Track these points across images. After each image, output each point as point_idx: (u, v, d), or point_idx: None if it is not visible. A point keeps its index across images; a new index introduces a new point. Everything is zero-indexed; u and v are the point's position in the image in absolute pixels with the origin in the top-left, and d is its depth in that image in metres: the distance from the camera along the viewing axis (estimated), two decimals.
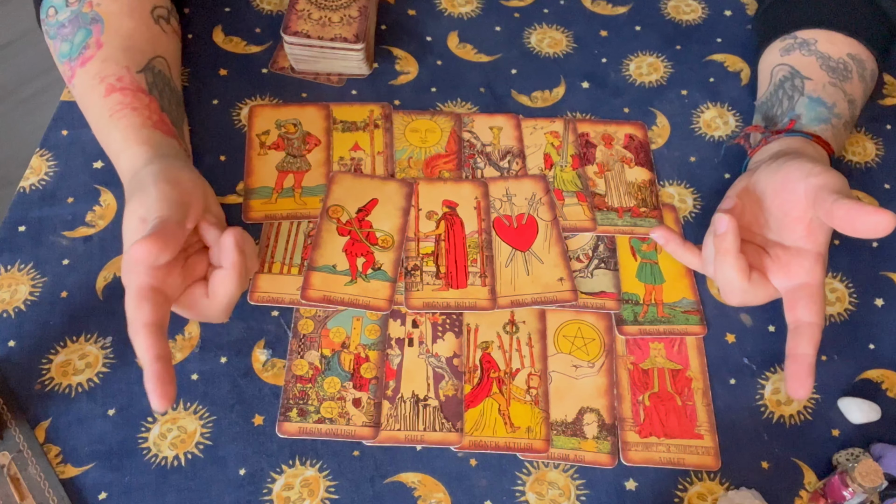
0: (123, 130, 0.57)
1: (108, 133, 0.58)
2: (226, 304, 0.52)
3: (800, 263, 0.55)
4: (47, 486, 0.52)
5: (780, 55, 0.69)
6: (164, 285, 0.49)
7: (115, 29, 0.61)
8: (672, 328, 0.61)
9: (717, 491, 0.55)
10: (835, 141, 0.63)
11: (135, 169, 0.55)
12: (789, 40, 0.69)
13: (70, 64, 0.60)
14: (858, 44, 0.67)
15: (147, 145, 0.56)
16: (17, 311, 0.59)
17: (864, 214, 0.50)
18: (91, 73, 0.59)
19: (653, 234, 0.62)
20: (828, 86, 0.65)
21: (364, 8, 0.71)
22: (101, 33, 0.60)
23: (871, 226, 0.50)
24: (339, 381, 0.57)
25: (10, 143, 1.57)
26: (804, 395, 0.52)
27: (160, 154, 0.56)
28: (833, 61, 0.66)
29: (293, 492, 0.53)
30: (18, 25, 1.72)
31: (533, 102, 0.73)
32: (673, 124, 0.72)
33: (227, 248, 0.51)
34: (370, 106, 0.71)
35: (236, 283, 0.51)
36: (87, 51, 0.60)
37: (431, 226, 0.64)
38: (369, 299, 0.60)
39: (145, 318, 0.47)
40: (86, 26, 0.60)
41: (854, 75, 0.66)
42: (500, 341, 0.60)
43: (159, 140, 0.57)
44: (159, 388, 0.46)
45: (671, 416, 0.57)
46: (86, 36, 0.60)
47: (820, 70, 0.66)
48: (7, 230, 0.62)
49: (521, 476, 0.55)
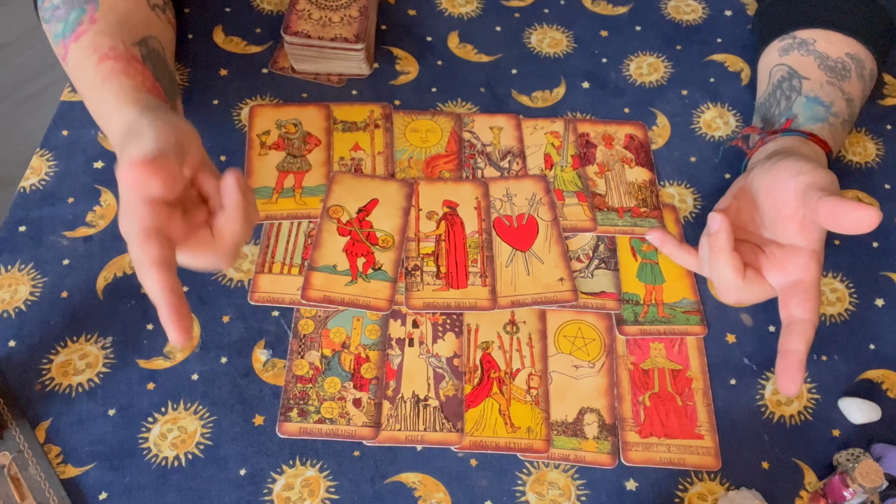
0: (116, 93, 0.54)
1: (100, 96, 0.55)
2: (233, 246, 0.50)
3: (794, 260, 0.55)
4: (47, 486, 0.52)
5: (778, 55, 0.69)
6: (167, 228, 0.47)
7: (109, 7, 0.59)
8: (672, 328, 0.61)
9: (717, 491, 0.55)
10: (832, 139, 0.63)
11: (128, 122, 0.52)
12: (788, 40, 0.69)
13: (63, 42, 0.59)
14: (857, 43, 0.67)
15: (140, 105, 0.53)
16: (17, 311, 0.59)
17: (848, 210, 0.51)
18: (83, 45, 0.57)
19: (648, 236, 0.63)
20: (825, 85, 0.65)
21: (364, 8, 0.71)
22: (96, 10, 0.59)
23: (854, 221, 0.50)
24: (339, 381, 0.57)
25: (10, 143, 1.57)
26: (794, 391, 0.52)
27: (154, 107, 0.53)
28: (831, 61, 0.66)
29: (293, 492, 0.53)
30: (18, 25, 1.72)
31: (533, 102, 0.73)
32: (673, 124, 0.72)
33: (230, 189, 0.49)
34: (370, 106, 0.71)
35: (242, 223, 0.49)
36: (80, 27, 0.58)
37: (432, 226, 0.64)
38: (370, 299, 0.60)
39: (153, 255, 0.45)
40: (80, 6, 0.59)
41: (853, 74, 0.66)
42: (501, 341, 0.60)
43: (154, 103, 0.55)
44: (176, 320, 0.45)
45: (671, 417, 0.57)
46: (80, 14, 0.59)
47: (818, 70, 0.66)
48: (7, 230, 0.62)
49: (522, 476, 0.55)
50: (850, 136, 0.73)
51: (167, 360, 0.57)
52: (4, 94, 1.64)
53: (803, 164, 0.56)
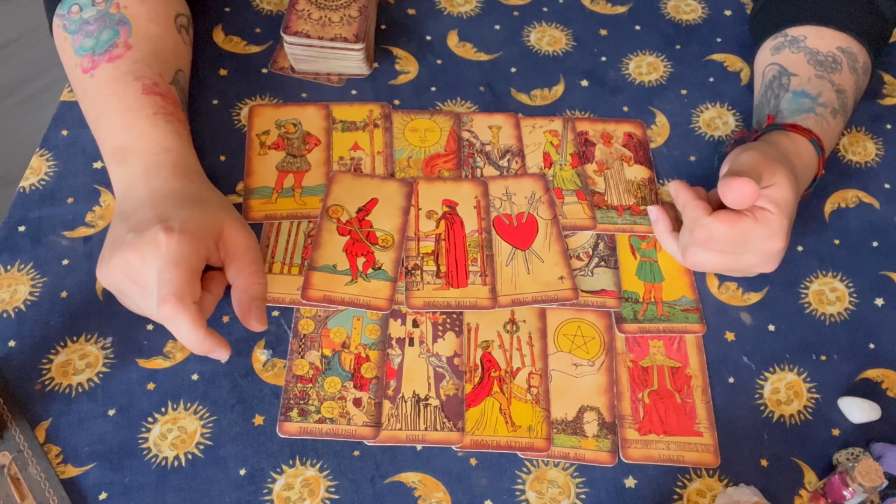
0: (166, 130, 0.58)
1: (146, 123, 0.58)
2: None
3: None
4: (47, 486, 0.52)
5: (770, 55, 0.69)
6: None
7: (143, 33, 0.62)
8: (671, 326, 0.61)
9: (716, 488, 0.55)
10: (819, 127, 0.63)
11: (174, 162, 0.57)
12: (780, 38, 0.69)
13: (93, 57, 0.60)
14: (849, 37, 0.67)
15: (189, 174, 0.58)
16: (17, 311, 0.59)
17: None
18: (122, 69, 0.60)
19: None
20: (813, 79, 0.65)
21: (364, 8, 0.71)
22: (129, 36, 0.61)
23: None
24: (339, 380, 0.57)
25: (10, 143, 1.57)
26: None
27: (199, 182, 0.58)
28: (821, 55, 0.66)
29: (293, 492, 0.53)
30: (18, 25, 1.72)
31: (532, 101, 0.73)
32: (672, 124, 0.72)
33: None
34: (370, 106, 0.71)
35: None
36: (115, 49, 0.60)
37: (431, 225, 0.64)
38: (370, 299, 0.60)
39: (193, 315, 0.49)
40: (112, 26, 0.61)
41: (844, 67, 0.66)
42: (501, 340, 0.60)
43: (196, 167, 0.59)
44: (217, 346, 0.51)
45: (670, 414, 0.57)
46: (113, 35, 0.61)
47: (807, 65, 0.66)
48: (7, 230, 0.62)
49: (521, 475, 0.55)
50: (850, 136, 0.73)
51: (167, 360, 0.57)
52: (4, 94, 1.64)
53: (739, 152, 0.58)
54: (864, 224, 0.68)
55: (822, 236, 0.67)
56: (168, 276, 0.49)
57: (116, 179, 0.58)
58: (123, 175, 0.57)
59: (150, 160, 0.57)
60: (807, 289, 0.64)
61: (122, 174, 0.57)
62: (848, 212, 0.68)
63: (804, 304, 0.63)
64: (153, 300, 0.50)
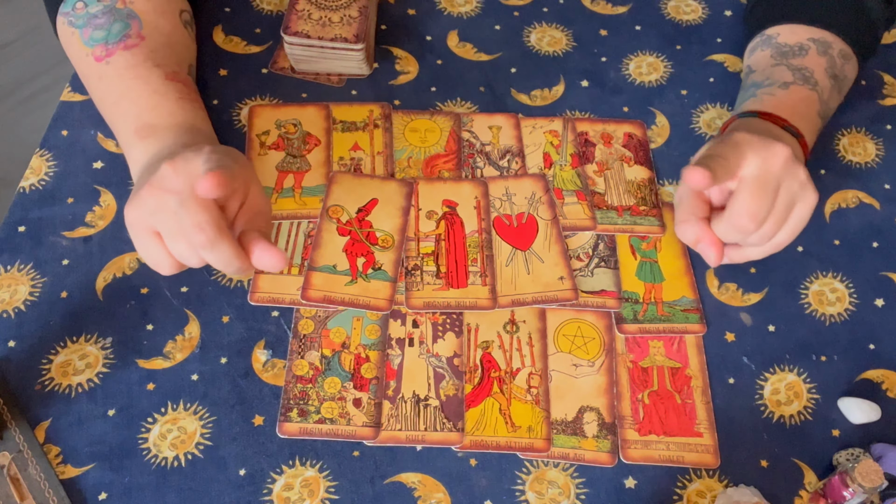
0: (195, 114, 0.59)
1: (175, 105, 0.58)
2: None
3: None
4: (47, 486, 0.52)
5: (747, 57, 0.71)
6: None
7: (153, 26, 0.62)
8: (671, 326, 0.61)
9: (716, 488, 0.55)
10: (771, 102, 0.62)
11: (206, 137, 0.58)
12: (757, 39, 0.70)
13: (106, 46, 0.61)
14: (822, 30, 0.67)
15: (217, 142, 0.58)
16: (17, 312, 0.59)
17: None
18: (140, 56, 0.60)
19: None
20: (768, 68, 0.66)
21: (364, 8, 0.71)
22: (141, 28, 0.61)
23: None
24: (339, 381, 0.57)
25: (10, 143, 1.57)
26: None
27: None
28: (786, 47, 0.67)
29: (293, 492, 0.53)
30: (18, 25, 1.72)
31: (532, 101, 0.73)
32: (673, 124, 0.72)
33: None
34: (370, 106, 0.71)
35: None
36: (129, 39, 0.61)
37: (431, 225, 0.64)
38: (369, 299, 0.60)
39: (230, 241, 0.48)
40: (122, 20, 0.61)
41: (811, 52, 0.66)
42: (501, 341, 0.60)
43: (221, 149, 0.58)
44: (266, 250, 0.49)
45: (670, 414, 0.57)
46: (124, 27, 0.61)
47: (769, 58, 0.67)
48: (7, 230, 0.62)
49: (521, 475, 0.55)
50: (850, 136, 0.73)
51: (167, 361, 0.57)
52: (4, 94, 1.64)
53: (706, 146, 0.57)
54: (865, 224, 0.68)
55: (822, 237, 0.67)
56: (212, 154, 0.49)
57: (140, 153, 0.56)
58: (150, 147, 0.56)
59: (181, 134, 0.56)
60: (807, 289, 0.64)
61: (148, 147, 0.56)
62: (848, 212, 0.68)
63: (804, 304, 0.63)
64: (191, 203, 0.47)
